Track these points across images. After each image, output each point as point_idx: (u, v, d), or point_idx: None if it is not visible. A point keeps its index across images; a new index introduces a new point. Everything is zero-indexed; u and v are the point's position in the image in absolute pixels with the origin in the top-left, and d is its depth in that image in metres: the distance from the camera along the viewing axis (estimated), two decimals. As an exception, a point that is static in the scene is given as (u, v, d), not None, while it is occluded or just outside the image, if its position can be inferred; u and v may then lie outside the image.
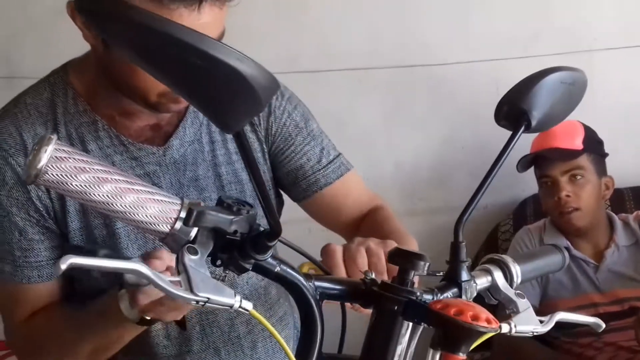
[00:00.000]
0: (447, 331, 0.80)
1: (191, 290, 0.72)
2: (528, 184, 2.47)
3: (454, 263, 0.92)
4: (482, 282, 0.96)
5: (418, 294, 0.84)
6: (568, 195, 2.23)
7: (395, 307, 0.83)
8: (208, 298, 0.73)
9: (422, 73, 2.59)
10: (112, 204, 0.77)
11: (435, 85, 2.61)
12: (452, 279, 0.92)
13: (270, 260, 0.82)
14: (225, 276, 0.83)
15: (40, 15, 2.46)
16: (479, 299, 0.94)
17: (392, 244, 1.01)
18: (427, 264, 0.85)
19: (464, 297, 0.92)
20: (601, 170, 2.32)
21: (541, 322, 0.96)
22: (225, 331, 1.29)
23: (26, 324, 1.22)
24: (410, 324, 0.84)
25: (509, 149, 0.98)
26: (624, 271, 2.25)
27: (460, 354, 0.79)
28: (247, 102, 0.68)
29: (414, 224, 2.23)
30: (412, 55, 2.58)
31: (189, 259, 0.75)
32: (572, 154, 2.23)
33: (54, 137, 0.75)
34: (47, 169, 0.74)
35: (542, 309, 2.26)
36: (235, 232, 0.79)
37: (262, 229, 0.81)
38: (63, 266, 0.68)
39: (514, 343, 2.14)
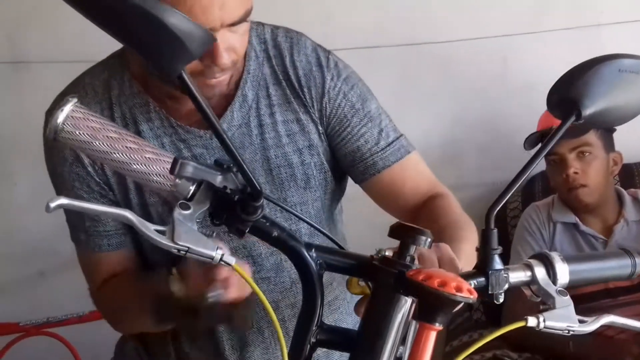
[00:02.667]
0: (422, 300, 0.79)
1: (172, 239, 0.80)
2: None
3: (483, 251, 0.90)
4: (520, 275, 0.92)
5: (415, 267, 0.83)
6: (576, 172, 2.23)
7: (390, 281, 0.83)
8: (188, 247, 0.80)
9: (430, 50, 2.58)
10: (119, 160, 0.88)
11: (443, 63, 2.59)
12: (480, 267, 0.90)
13: (267, 224, 0.87)
14: (214, 232, 0.88)
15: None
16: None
17: (445, 248, 0.99)
18: (429, 239, 0.84)
19: (490, 287, 0.89)
20: (609, 145, 2.31)
21: (582, 322, 0.91)
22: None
23: (101, 290, 1.29)
24: (409, 299, 0.83)
25: (555, 139, 0.93)
26: (634, 246, 2.25)
27: (436, 324, 0.78)
28: (178, 50, 0.75)
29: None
30: (420, 32, 2.57)
31: (179, 212, 0.82)
32: (580, 130, 2.22)
33: (74, 99, 0.87)
34: (64, 126, 0.86)
35: (551, 285, 2.26)
36: (225, 187, 0.85)
37: (259, 187, 0.84)
38: (52, 204, 0.76)
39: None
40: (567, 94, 0.93)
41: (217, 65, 1.09)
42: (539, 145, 2.32)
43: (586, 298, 2.18)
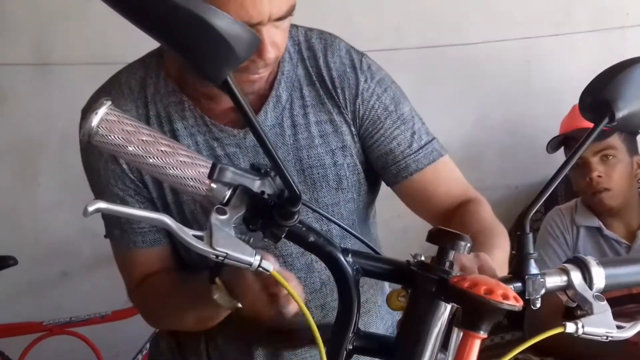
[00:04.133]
0: (465, 307, 0.78)
1: (211, 245, 0.79)
2: (559, 164, 2.44)
3: (519, 256, 0.88)
4: (556, 280, 0.91)
5: (456, 274, 0.82)
6: (599, 176, 2.21)
7: (430, 287, 0.82)
8: (227, 253, 0.79)
9: (452, 53, 2.58)
10: (154, 164, 0.87)
11: (465, 65, 2.59)
12: (516, 273, 0.89)
13: (304, 229, 0.86)
14: (251, 239, 0.87)
15: (71, 2, 2.48)
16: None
17: (485, 257, 0.97)
18: (468, 244, 0.83)
19: (527, 292, 0.88)
20: (633, 149, 2.29)
21: (620, 327, 0.90)
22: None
23: (138, 287, 1.29)
24: (449, 305, 0.82)
25: (589, 142, 0.91)
26: (657, 252, 2.23)
27: (481, 332, 0.77)
28: (225, 54, 0.74)
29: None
30: (441, 35, 2.57)
31: (216, 218, 0.81)
32: (604, 134, 2.20)
33: (108, 102, 0.86)
34: (98, 129, 0.85)
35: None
36: (263, 192, 0.84)
37: (299, 192, 0.82)
38: (90, 208, 0.77)
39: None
40: (600, 96, 0.91)
41: (263, 59, 1.10)
42: (562, 148, 2.32)
43: (610, 303, 2.16)
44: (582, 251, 2.26)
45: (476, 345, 0.78)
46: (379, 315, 1.37)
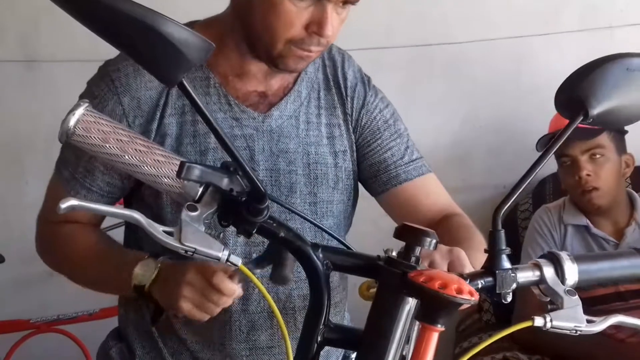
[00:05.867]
0: (424, 301, 0.80)
1: (180, 240, 0.82)
2: (547, 163, 2.45)
3: (491, 251, 0.90)
4: (528, 275, 0.93)
5: (420, 269, 0.84)
6: (588, 175, 2.21)
7: (395, 281, 0.84)
8: (195, 248, 0.82)
9: (440, 51, 2.58)
10: (130, 162, 0.91)
11: (454, 64, 2.59)
12: (488, 268, 0.90)
13: (274, 225, 0.89)
14: (221, 233, 0.89)
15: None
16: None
17: (458, 251, 1.00)
18: (434, 240, 0.85)
19: (498, 286, 0.90)
20: (621, 147, 2.30)
21: (590, 322, 0.92)
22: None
23: (58, 223, 1.31)
24: (413, 299, 0.84)
25: (562, 140, 0.94)
26: (645, 249, 2.24)
27: (438, 325, 0.79)
28: (177, 59, 0.77)
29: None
30: (430, 33, 2.57)
31: (186, 214, 0.84)
32: (592, 133, 2.21)
33: (86, 103, 0.89)
34: (75, 129, 0.88)
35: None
36: (232, 190, 0.87)
37: (263, 189, 0.86)
38: (63, 206, 0.80)
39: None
40: (574, 94, 0.93)
41: (322, 33, 1.16)
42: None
43: (597, 301, 2.17)
44: (570, 249, 2.27)
45: (434, 338, 0.80)
46: (346, 316, 1.43)
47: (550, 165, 2.46)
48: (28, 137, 2.59)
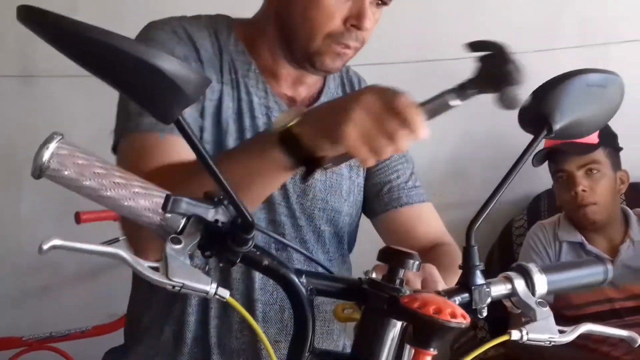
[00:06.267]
0: (416, 326, 0.80)
1: (167, 276, 0.80)
2: (542, 179, 2.46)
3: (466, 267, 0.92)
4: (500, 289, 0.94)
5: (405, 292, 0.84)
6: (584, 190, 2.22)
7: (382, 305, 0.84)
8: (183, 283, 0.80)
9: (438, 67, 2.59)
10: (108, 196, 0.88)
11: (451, 80, 2.59)
12: (463, 284, 0.92)
13: (258, 253, 0.87)
14: (207, 266, 0.88)
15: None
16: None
17: (431, 268, 1.02)
18: (417, 262, 0.85)
19: (474, 302, 0.91)
20: (616, 164, 2.30)
21: (562, 332, 0.94)
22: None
23: (156, 169, 1.15)
24: (400, 322, 0.84)
25: (527, 155, 0.96)
26: (639, 266, 2.24)
27: (431, 349, 0.79)
28: (175, 96, 0.76)
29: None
30: (428, 49, 2.58)
31: (170, 247, 0.82)
32: (588, 148, 2.22)
33: (59, 136, 0.86)
34: (49, 164, 0.85)
35: (557, 304, 2.25)
36: (217, 221, 0.85)
37: (251, 219, 0.84)
38: (45, 247, 0.77)
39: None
40: (538, 110, 0.96)
41: (361, 25, 1.18)
42: (546, 162, 2.33)
43: (593, 318, 2.17)
44: (565, 260, 2.27)
45: None
46: (346, 343, 1.42)
47: (544, 182, 2.46)
48: (25, 151, 2.58)
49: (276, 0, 1.26)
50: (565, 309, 2.25)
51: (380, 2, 1.22)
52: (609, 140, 2.29)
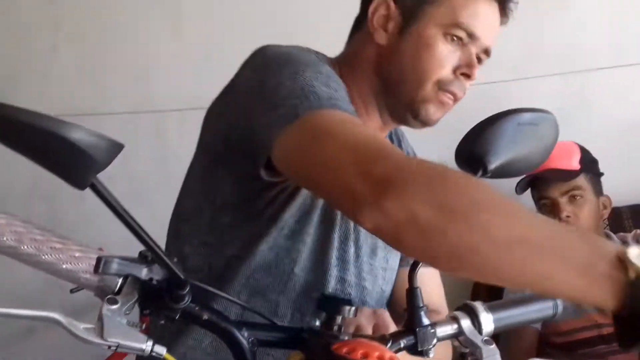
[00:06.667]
0: None
1: (101, 336, 0.81)
2: (527, 205, 2.47)
3: (410, 309, 0.93)
4: (447, 329, 0.96)
5: (343, 338, 0.85)
6: (568, 216, 2.23)
7: (320, 352, 0.85)
8: (118, 343, 0.81)
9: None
10: (47, 261, 0.89)
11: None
12: (408, 326, 0.93)
13: (197, 308, 0.88)
14: (143, 324, 0.88)
15: (35, 56, 2.47)
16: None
17: (383, 313, 1.04)
18: (353, 308, 0.87)
19: (420, 344, 0.92)
20: (598, 189, 2.32)
21: None
22: None
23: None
24: None
25: None
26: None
27: None
28: (87, 163, 0.76)
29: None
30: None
31: (107, 308, 0.83)
32: (571, 174, 2.24)
33: None
34: None
35: (545, 330, 2.25)
36: (152, 279, 0.85)
37: (182, 276, 0.85)
38: None
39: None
40: (472, 151, 0.98)
41: (471, 73, 1.22)
42: (529, 189, 2.34)
43: (582, 344, 2.17)
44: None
45: None
46: None
47: (529, 208, 2.48)
48: (7, 190, 2.57)
49: (377, 51, 1.26)
50: (554, 335, 2.25)
51: (479, 57, 1.24)
52: (590, 166, 2.31)
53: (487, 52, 1.25)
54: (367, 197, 0.84)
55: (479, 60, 1.25)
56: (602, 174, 2.35)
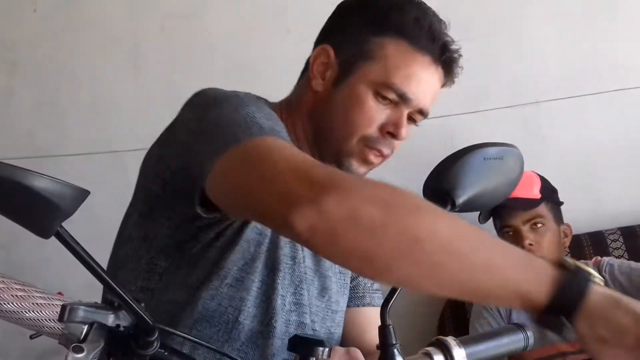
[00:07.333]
0: None
1: None
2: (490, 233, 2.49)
3: (383, 347, 0.93)
4: None
5: None
6: (531, 244, 2.25)
7: None
8: None
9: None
10: (9, 310, 0.85)
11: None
12: None
13: (166, 353, 0.86)
14: None
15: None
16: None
17: (355, 352, 1.05)
18: (326, 349, 0.87)
19: None
20: (558, 218, 2.35)
21: None
22: None
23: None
24: None
25: None
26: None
27: None
28: (51, 211, 0.75)
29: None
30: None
31: (72, 357, 0.81)
32: (532, 203, 2.27)
33: None
34: None
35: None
36: (118, 326, 0.84)
37: (151, 322, 0.84)
38: None
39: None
40: (440, 186, 1.00)
41: (398, 133, 1.21)
42: (491, 218, 2.37)
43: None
44: (516, 321, 2.28)
45: None
46: None
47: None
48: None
49: (314, 98, 1.26)
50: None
51: (411, 118, 1.24)
52: (550, 195, 2.34)
53: (422, 112, 1.25)
54: (304, 196, 0.83)
55: (414, 120, 1.26)
56: (561, 203, 2.39)
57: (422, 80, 1.22)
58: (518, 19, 2.66)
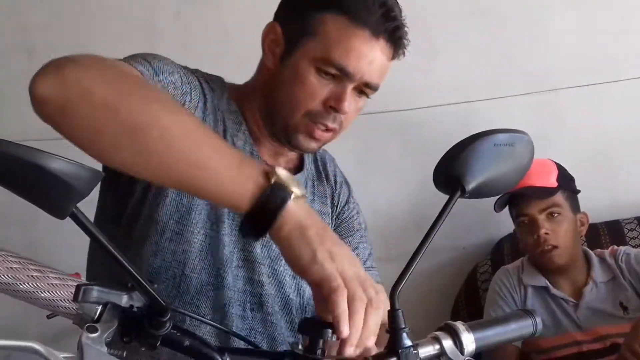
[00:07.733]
0: None
1: None
2: (504, 223, 2.48)
3: (392, 331, 0.93)
4: (429, 350, 0.95)
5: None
6: (547, 233, 2.24)
7: None
8: None
9: (393, 118, 2.62)
10: (25, 290, 0.89)
11: (406, 130, 2.63)
12: (391, 348, 0.93)
13: (178, 334, 0.88)
14: (124, 352, 0.87)
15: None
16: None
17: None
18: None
19: None
20: (575, 206, 2.34)
21: None
22: None
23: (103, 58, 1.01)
24: None
25: (445, 215, 0.99)
26: (603, 307, 2.25)
27: None
28: (67, 192, 0.76)
29: (389, 269, 2.24)
30: (382, 100, 2.61)
31: (86, 337, 0.82)
32: (549, 192, 2.25)
33: None
34: None
35: (525, 348, 2.25)
36: (132, 306, 0.86)
37: (163, 303, 0.84)
38: None
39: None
40: (450, 172, 1.00)
41: (339, 106, 1.23)
42: (507, 206, 2.36)
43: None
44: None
45: None
46: None
47: (506, 226, 2.49)
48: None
49: (266, 74, 1.31)
50: (534, 353, 2.25)
51: (362, 91, 1.27)
52: (567, 183, 2.33)
53: (369, 86, 1.27)
54: (52, 67, 0.92)
55: (364, 93, 1.27)
56: (578, 192, 2.37)
57: (362, 54, 1.22)
58: (536, 6, 2.64)
